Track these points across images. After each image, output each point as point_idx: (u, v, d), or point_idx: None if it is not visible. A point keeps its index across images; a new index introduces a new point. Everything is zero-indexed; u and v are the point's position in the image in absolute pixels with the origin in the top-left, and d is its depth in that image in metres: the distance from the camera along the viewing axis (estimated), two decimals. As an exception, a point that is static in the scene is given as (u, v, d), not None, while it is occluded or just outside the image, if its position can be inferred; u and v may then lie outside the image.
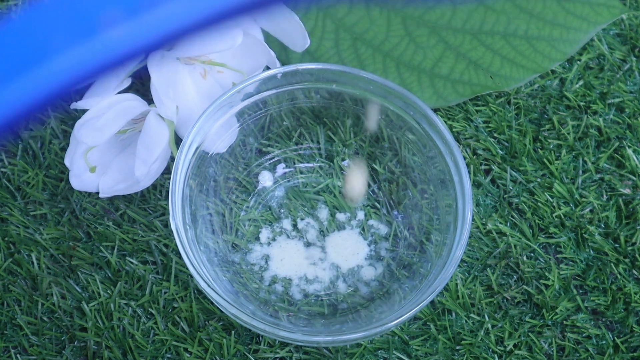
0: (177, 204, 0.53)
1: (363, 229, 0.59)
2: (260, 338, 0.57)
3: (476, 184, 0.61)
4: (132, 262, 0.58)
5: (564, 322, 0.58)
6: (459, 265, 0.59)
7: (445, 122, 0.61)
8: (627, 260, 0.59)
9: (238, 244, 0.58)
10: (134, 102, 0.56)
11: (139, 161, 0.56)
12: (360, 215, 0.59)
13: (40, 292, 0.58)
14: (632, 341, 0.58)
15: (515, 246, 0.59)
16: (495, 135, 0.63)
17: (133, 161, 0.56)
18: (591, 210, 0.61)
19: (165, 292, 0.58)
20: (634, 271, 0.59)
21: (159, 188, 0.60)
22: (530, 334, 0.57)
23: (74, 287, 0.58)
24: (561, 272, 0.59)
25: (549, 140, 0.62)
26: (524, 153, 0.62)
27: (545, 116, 0.63)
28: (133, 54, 0.26)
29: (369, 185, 0.60)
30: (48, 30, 0.26)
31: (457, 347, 0.57)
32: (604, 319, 0.58)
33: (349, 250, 0.58)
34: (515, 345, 0.57)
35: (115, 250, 0.59)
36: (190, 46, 0.56)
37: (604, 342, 0.58)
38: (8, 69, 0.26)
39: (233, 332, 0.57)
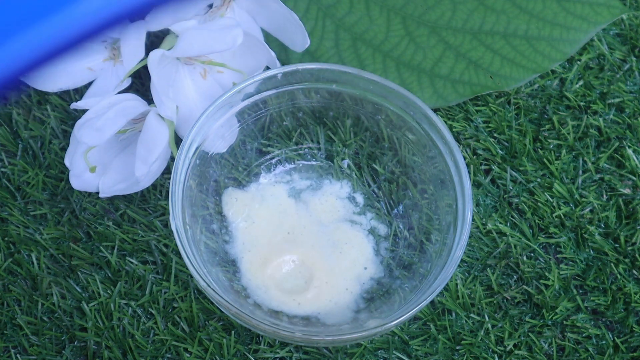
0: (177, 204, 0.53)
1: (371, 230, 0.59)
2: (260, 338, 0.57)
3: (476, 184, 0.61)
4: (132, 262, 0.58)
5: (564, 322, 0.58)
6: (459, 265, 0.59)
7: (445, 122, 0.61)
8: (627, 260, 0.59)
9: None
10: (134, 102, 0.56)
11: (139, 161, 0.56)
12: (369, 215, 0.59)
13: (40, 292, 0.58)
14: (632, 341, 0.58)
15: (515, 246, 0.59)
16: (495, 135, 0.63)
17: (133, 161, 0.56)
18: (591, 210, 0.61)
19: (165, 292, 0.58)
20: (634, 271, 0.59)
21: (159, 188, 0.60)
22: (530, 334, 0.57)
23: (74, 287, 0.58)
24: (561, 272, 0.59)
25: (549, 140, 0.62)
26: (524, 153, 0.62)
27: (545, 116, 0.63)
28: (110, 21, 0.26)
29: (369, 185, 0.60)
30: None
31: (457, 347, 0.57)
32: (604, 319, 0.58)
33: (354, 249, 0.58)
34: (515, 345, 0.57)
35: (115, 250, 0.59)
36: (191, 45, 0.56)
37: (604, 342, 0.58)
38: None
39: (233, 332, 0.57)
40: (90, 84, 0.59)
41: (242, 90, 0.57)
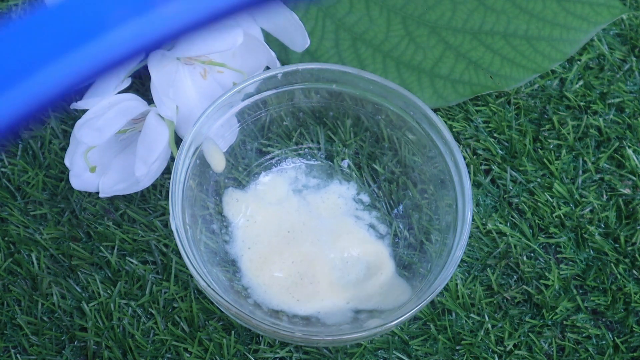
0: (177, 204, 0.53)
1: (371, 226, 0.59)
2: (260, 338, 0.57)
3: (476, 184, 0.61)
4: (132, 262, 0.58)
5: (564, 322, 0.58)
6: (459, 265, 0.59)
7: (445, 122, 0.61)
8: (627, 260, 0.59)
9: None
10: (134, 102, 0.56)
11: (139, 161, 0.56)
12: (370, 214, 0.59)
13: (40, 292, 0.58)
14: (632, 341, 0.58)
15: (515, 246, 0.59)
16: (495, 135, 0.63)
17: (133, 161, 0.56)
18: (591, 210, 0.61)
19: (165, 292, 0.58)
20: (634, 271, 0.59)
21: (159, 188, 0.60)
22: (530, 334, 0.57)
23: (74, 287, 0.58)
24: (561, 272, 0.59)
25: (549, 140, 0.62)
26: (524, 153, 0.62)
27: (545, 116, 0.63)
28: (134, 54, 0.26)
29: (369, 185, 0.60)
30: (52, 32, 0.26)
31: (457, 347, 0.57)
32: (604, 319, 0.58)
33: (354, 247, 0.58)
34: (515, 345, 0.57)
35: (115, 250, 0.59)
36: (191, 45, 0.56)
37: (604, 342, 0.58)
38: (9, 71, 0.26)
39: (233, 332, 0.57)
40: (90, 84, 0.59)
41: (242, 90, 0.57)
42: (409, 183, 0.59)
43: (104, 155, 0.58)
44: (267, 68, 0.60)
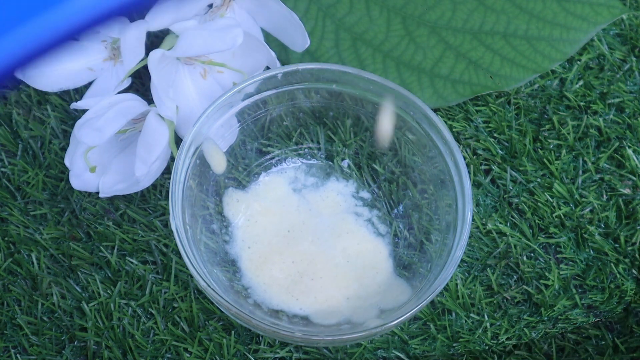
0: (177, 204, 0.53)
1: (370, 220, 0.59)
2: (260, 338, 0.57)
3: (476, 184, 0.61)
4: (132, 262, 0.58)
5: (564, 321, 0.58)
6: (459, 265, 0.59)
7: (445, 122, 0.61)
8: (627, 260, 0.59)
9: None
10: (134, 102, 0.56)
11: (139, 161, 0.56)
12: (370, 212, 0.59)
13: (40, 292, 0.58)
14: (631, 341, 0.58)
15: (515, 246, 0.59)
16: (495, 135, 0.63)
17: (133, 161, 0.56)
18: (591, 210, 0.61)
19: (165, 292, 0.58)
20: (634, 271, 0.59)
21: (159, 188, 0.60)
22: (525, 328, 0.57)
23: (74, 287, 0.58)
24: (561, 272, 0.59)
25: (549, 140, 0.62)
26: (524, 153, 0.62)
27: (545, 116, 0.63)
28: (110, 14, 0.26)
29: (369, 185, 0.60)
30: None
31: (454, 345, 0.57)
32: (603, 318, 0.58)
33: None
34: (514, 346, 0.57)
35: (115, 250, 0.59)
36: (191, 45, 0.56)
37: (603, 342, 0.58)
38: None
39: (233, 332, 0.57)
40: (90, 84, 0.59)
41: (242, 90, 0.57)
42: (409, 183, 0.59)
43: (104, 155, 0.58)
44: (267, 68, 0.60)
